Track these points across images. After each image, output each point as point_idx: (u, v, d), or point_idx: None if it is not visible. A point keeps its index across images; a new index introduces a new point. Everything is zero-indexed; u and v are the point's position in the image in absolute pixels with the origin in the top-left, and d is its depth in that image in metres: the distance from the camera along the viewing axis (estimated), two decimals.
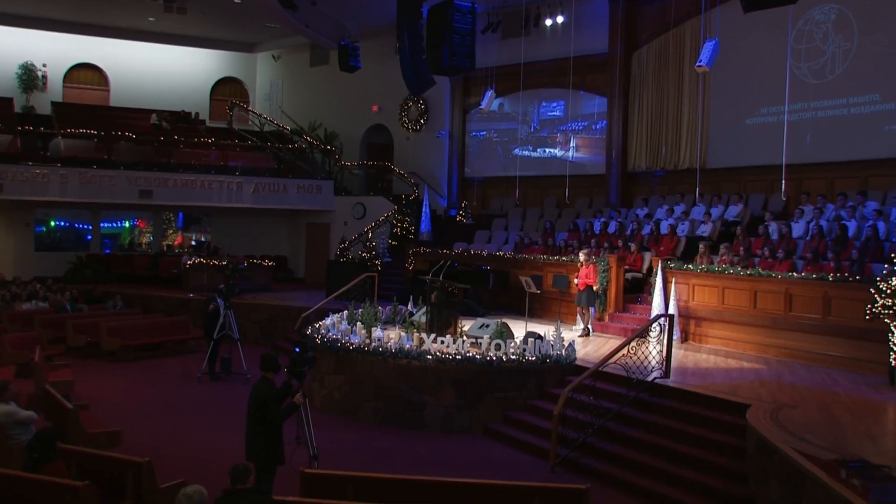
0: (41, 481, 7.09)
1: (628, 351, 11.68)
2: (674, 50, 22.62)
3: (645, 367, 11.77)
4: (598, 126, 25.01)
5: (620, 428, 11.20)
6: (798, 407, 10.14)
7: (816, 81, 19.17)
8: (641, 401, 11.51)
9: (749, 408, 10.00)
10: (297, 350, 8.64)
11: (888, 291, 11.85)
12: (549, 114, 26.59)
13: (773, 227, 17.29)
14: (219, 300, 17.09)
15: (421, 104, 29.03)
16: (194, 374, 16.83)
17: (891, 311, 11.74)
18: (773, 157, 19.89)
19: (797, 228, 16.93)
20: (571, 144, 25.72)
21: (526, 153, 26.99)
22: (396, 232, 26.17)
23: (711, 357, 14.17)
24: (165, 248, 30.77)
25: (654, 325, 12.50)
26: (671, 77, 22.68)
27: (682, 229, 19.15)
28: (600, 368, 11.42)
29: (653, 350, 12.08)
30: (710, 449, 10.13)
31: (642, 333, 12.10)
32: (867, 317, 12.13)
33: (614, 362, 11.55)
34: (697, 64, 14.26)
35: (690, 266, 15.83)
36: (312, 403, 14.01)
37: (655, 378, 11.71)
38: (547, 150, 26.55)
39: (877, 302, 11.90)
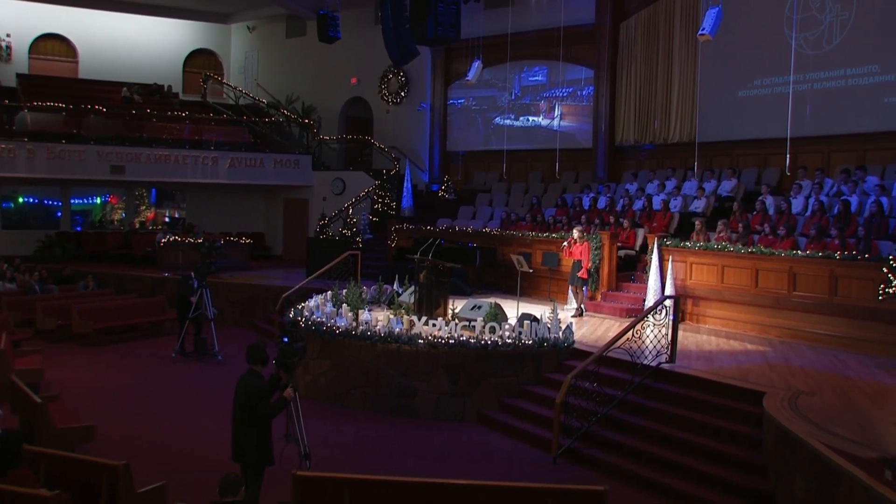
0: (5, 491, 6.39)
1: (632, 334, 11.07)
2: (663, 19, 21.93)
3: (649, 351, 11.17)
4: (583, 92, 24.30)
5: (625, 416, 10.62)
6: (816, 394, 9.59)
7: (813, 52, 18.55)
8: (646, 387, 10.93)
9: (765, 395, 9.44)
10: (286, 340, 7.96)
11: None
12: (530, 79, 25.84)
13: (770, 201, 16.76)
14: (194, 278, 16.52)
15: (401, 76, 28.23)
16: (171, 357, 16.18)
17: None
18: (767, 131, 19.43)
19: (796, 204, 16.40)
20: (556, 112, 25.04)
21: (507, 122, 26.28)
22: (377, 208, 25.47)
23: (713, 338, 13.62)
24: (138, 224, 29.88)
25: (659, 306, 11.88)
26: (661, 48, 22.01)
27: (675, 205, 18.58)
28: (605, 353, 10.80)
29: (650, 333, 11.42)
30: (723, 439, 9.57)
31: (648, 315, 11.44)
32: (880, 297, 11.62)
33: (618, 346, 10.93)
34: (700, 32, 13.62)
35: (688, 244, 15.27)
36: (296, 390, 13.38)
37: (660, 363, 11.12)
38: (530, 118, 25.83)
39: (891, 282, 11.37)
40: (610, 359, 11.08)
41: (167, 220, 32.17)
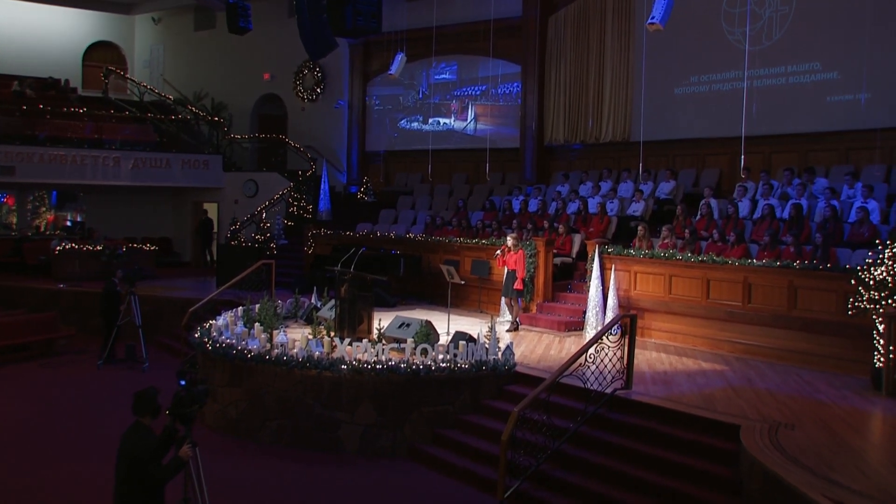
0: None
1: (586, 359, 9.82)
2: (594, 13, 20.91)
3: (602, 376, 9.92)
4: (499, 90, 23.17)
5: (580, 452, 9.34)
6: (795, 426, 8.46)
7: (752, 48, 17.62)
8: (601, 417, 9.69)
9: (740, 429, 8.29)
10: (183, 383, 6.46)
11: (872, 283, 10.36)
12: (437, 77, 24.60)
13: (714, 204, 15.83)
14: (117, 287, 15.81)
15: (317, 72, 26.77)
16: (63, 382, 14.61)
17: (878, 306, 10.25)
18: (705, 130, 18.68)
19: (742, 207, 15.47)
20: (470, 114, 23.86)
21: (415, 126, 25.13)
22: (293, 211, 23.96)
23: (663, 356, 12.50)
24: (41, 227, 27.72)
25: (615, 325, 10.66)
26: (592, 43, 20.98)
27: (612, 208, 17.50)
28: (558, 380, 9.49)
29: (601, 354, 10.11)
30: (694, 480, 8.34)
31: (603, 335, 10.17)
32: (850, 312, 10.63)
33: (571, 373, 9.65)
34: (649, 21, 12.48)
35: (632, 251, 14.18)
36: (203, 421, 11.87)
37: (616, 389, 9.91)
38: (441, 120, 24.63)
39: (862, 295, 10.39)
40: (559, 384, 9.80)
41: (69, 223, 30.07)
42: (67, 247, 21.66)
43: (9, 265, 22.88)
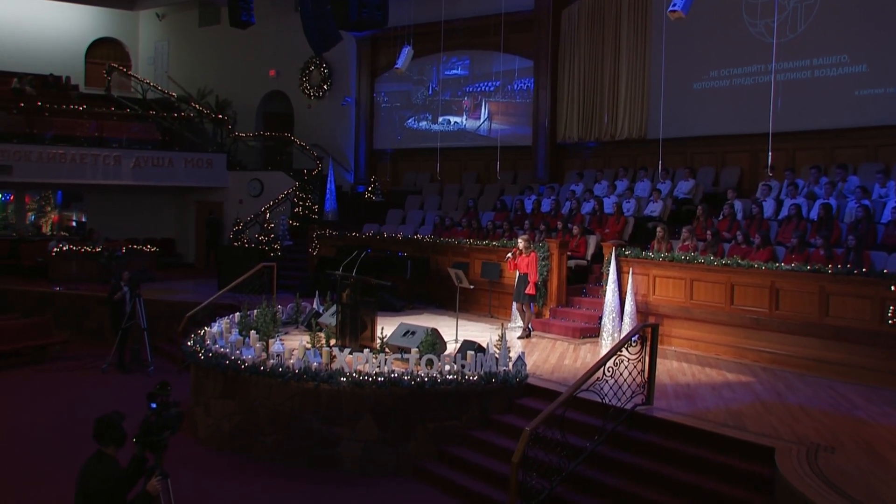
0: None
1: (604, 372, 9.06)
2: (609, 6, 20.14)
3: (621, 390, 9.15)
4: (514, 86, 22.40)
5: (597, 475, 8.59)
6: (836, 449, 7.70)
7: (775, 41, 16.78)
8: (619, 436, 8.93)
9: (775, 452, 7.53)
10: (154, 406, 5.73)
11: None
12: (447, 72, 23.84)
13: (739, 205, 15.05)
14: (125, 288, 15.28)
15: (324, 68, 26.07)
16: (56, 388, 13.99)
17: None
18: (725, 126, 17.95)
19: (766, 207, 14.69)
20: (483, 112, 23.11)
21: (423, 125, 24.42)
22: (298, 211, 23.26)
23: (685, 366, 11.71)
24: (44, 228, 27.08)
25: (635, 336, 9.87)
26: (607, 36, 20.23)
27: (629, 208, 16.74)
28: (576, 394, 8.72)
29: (620, 366, 9.33)
30: None
31: (623, 346, 9.36)
32: (890, 321, 9.84)
33: (587, 387, 8.87)
34: (671, 9, 11.71)
35: (650, 254, 13.40)
36: (196, 435, 11.21)
37: (636, 405, 9.15)
38: (452, 119, 23.87)
39: None
40: (574, 399, 9.03)
41: (74, 223, 29.47)
42: (65, 248, 21.06)
43: (6, 267, 22.23)
